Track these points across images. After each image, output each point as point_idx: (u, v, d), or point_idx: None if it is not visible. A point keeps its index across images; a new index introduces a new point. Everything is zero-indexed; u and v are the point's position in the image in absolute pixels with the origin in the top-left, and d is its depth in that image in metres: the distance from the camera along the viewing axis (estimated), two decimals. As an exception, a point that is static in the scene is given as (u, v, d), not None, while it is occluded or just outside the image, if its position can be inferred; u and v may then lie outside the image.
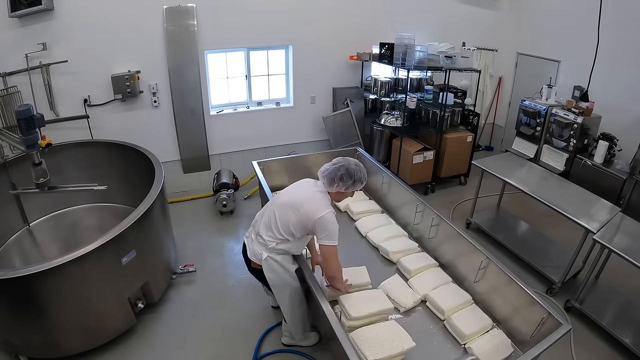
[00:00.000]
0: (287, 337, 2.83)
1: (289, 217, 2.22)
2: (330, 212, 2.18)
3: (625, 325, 2.96)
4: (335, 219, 2.20)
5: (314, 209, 2.17)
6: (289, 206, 2.24)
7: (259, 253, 2.34)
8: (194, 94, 4.51)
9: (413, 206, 3.22)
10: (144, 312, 2.99)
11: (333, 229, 2.17)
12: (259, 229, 2.37)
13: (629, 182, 3.93)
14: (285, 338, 2.85)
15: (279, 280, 2.38)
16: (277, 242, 2.28)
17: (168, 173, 3.52)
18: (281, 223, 2.24)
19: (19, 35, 3.66)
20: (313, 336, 2.84)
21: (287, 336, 2.83)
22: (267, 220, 2.32)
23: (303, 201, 2.21)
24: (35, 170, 2.69)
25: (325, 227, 2.15)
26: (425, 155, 4.80)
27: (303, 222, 2.20)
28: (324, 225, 2.15)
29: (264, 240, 2.32)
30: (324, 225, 2.15)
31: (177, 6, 4.13)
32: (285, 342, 2.85)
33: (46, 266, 2.20)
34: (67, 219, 3.73)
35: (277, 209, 2.29)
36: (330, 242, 2.19)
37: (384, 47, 4.72)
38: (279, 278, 2.38)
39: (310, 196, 2.24)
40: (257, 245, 2.37)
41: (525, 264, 3.67)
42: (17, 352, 2.61)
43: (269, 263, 2.32)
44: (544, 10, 5.22)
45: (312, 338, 2.83)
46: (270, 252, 2.31)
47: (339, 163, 2.28)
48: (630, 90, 4.30)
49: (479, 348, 2.25)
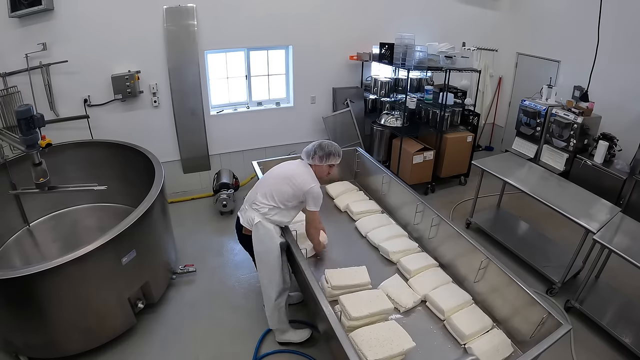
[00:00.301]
0: (278, 333, 2.87)
1: (284, 188, 2.56)
2: (317, 184, 2.58)
3: (625, 325, 2.96)
4: (320, 190, 2.59)
5: (304, 181, 2.55)
6: (283, 178, 2.60)
7: (252, 218, 2.60)
8: (194, 94, 4.51)
9: (413, 206, 3.21)
10: (144, 312, 2.99)
11: (318, 198, 2.57)
12: (255, 198, 2.63)
13: (629, 182, 3.93)
14: (276, 335, 2.88)
15: (263, 246, 2.61)
16: (269, 208, 2.57)
17: (168, 173, 3.52)
18: (276, 193, 2.56)
19: (19, 35, 3.66)
20: (304, 332, 2.90)
21: (277, 333, 2.87)
22: (263, 191, 2.61)
23: (295, 175, 2.59)
24: (35, 170, 2.69)
25: (313, 196, 2.55)
26: (425, 155, 4.80)
27: (296, 192, 2.56)
28: (313, 194, 2.54)
29: (258, 206, 2.59)
30: (313, 194, 2.54)
31: (177, 6, 4.13)
32: (278, 340, 2.88)
33: (46, 266, 2.20)
34: (67, 219, 3.73)
35: (273, 181, 2.63)
36: (315, 208, 2.59)
37: (384, 47, 4.72)
38: (264, 245, 2.60)
39: (300, 171, 2.63)
40: (251, 212, 2.63)
41: (525, 264, 3.67)
42: (17, 352, 2.61)
43: (259, 228, 2.58)
44: (544, 10, 5.22)
45: (302, 333, 2.89)
46: (262, 218, 2.57)
47: (316, 141, 2.72)
48: (630, 90, 4.30)
49: (479, 348, 2.25)
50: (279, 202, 2.56)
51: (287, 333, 2.86)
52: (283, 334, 2.86)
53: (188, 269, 3.44)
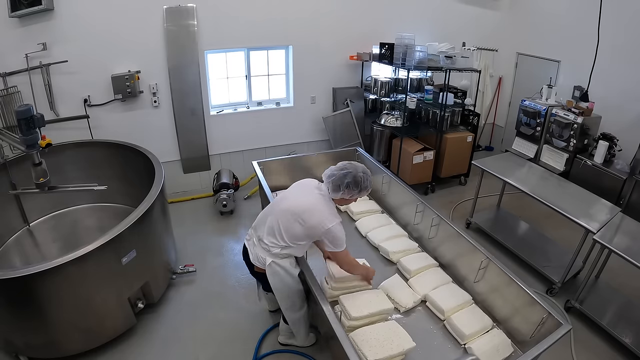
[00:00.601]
0: (284, 337, 2.84)
1: (293, 227, 2.17)
2: (338, 222, 2.13)
3: (625, 325, 2.96)
4: (342, 226, 2.17)
5: (321, 221, 2.11)
6: (292, 214, 2.17)
7: (263, 258, 2.31)
8: (194, 94, 4.51)
9: (413, 206, 3.22)
10: (144, 312, 2.99)
11: (341, 238, 2.15)
12: (261, 234, 2.32)
13: (629, 182, 3.93)
14: (281, 337, 2.86)
15: (281, 284, 2.36)
16: (281, 248, 2.26)
17: (168, 173, 3.52)
18: (285, 231, 2.19)
19: (19, 35, 3.66)
20: (310, 337, 2.85)
21: (284, 335, 2.84)
22: (270, 227, 2.26)
23: (307, 211, 2.14)
24: (35, 170, 2.69)
25: (333, 238, 2.14)
26: (425, 155, 4.80)
27: (309, 233, 2.17)
28: (332, 236, 2.13)
29: (267, 245, 2.28)
30: (332, 236, 2.13)
31: (177, 6, 4.13)
32: (281, 341, 2.86)
33: (46, 266, 2.20)
34: (67, 219, 3.73)
35: (280, 216, 2.22)
36: (339, 249, 2.20)
37: (384, 47, 4.72)
38: (282, 282, 2.36)
39: (314, 206, 2.16)
40: (260, 250, 2.33)
41: (525, 264, 3.67)
42: (17, 352, 2.61)
43: (273, 268, 2.30)
44: (544, 10, 5.22)
45: (309, 339, 2.85)
46: (274, 257, 2.28)
47: (346, 169, 2.19)
48: (630, 90, 4.30)
49: (479, 348, 2.25)
50: (289, 242, 2.21)
51: (292, 338, 2.80)
52: (289, 338, 2.82)
53: (188, 269, 3.44)
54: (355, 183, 2.16)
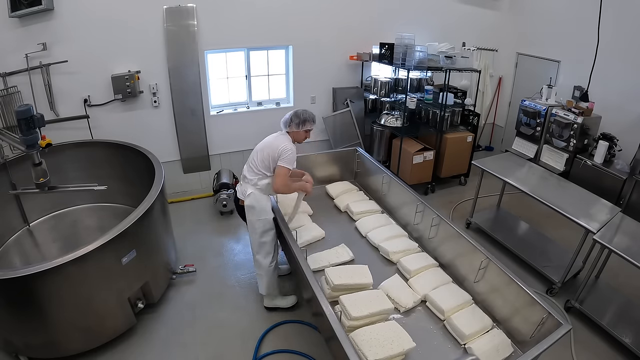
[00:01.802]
0: (267, 299, 3.14)
1: (264, 156, 2.80)
2: (292, 146, 2.79)
3: (625, 325, 2.96)
4: (295, 149, 2.79)
5: (278, 143, 2.79)
6: (263, 148, 2.84)
7: (245, 191, 2.86)
8: (194, 94, 4.51)
9: (413, 206, 3.22)
10: (144, 312, 2.99)
11: (290, 155, 2.73)
12: (245, 173, 2.91)
13: (629, 182, 3.93)
14: (266, 300, 3.15)
15: (254, 214, 2.86)
16: (258, 178, 2.82)
17: (168, 173, 3.52)
18: (260, 162, 2.81)
19: (19, 35, 3.66)
20: (291, 298, 3.17)
21: (266, 299, 3.13)
22: (250, 164, 2.88)
23: (271, 142, 2.85)
24: (35, 170, 2.69)
25: (285, 152, 2.73)
26: (425, 155, 4.80)
27: (272, 154, 2.77)
28: (284, 150, 2.73)
29: (248, 179, 2.87)
30: (284, 150, 2.73)
31: (177, 6, 4.13)
32: (266, 305, 3.15)
33: (46, 266, 2.20)
34: (67, 219, 3.73)
35: (255, 155, 2.87)
36: (284, 164, 2.73)
37: (384, 47, 4.72)
38: (255, 212, 2.85)
39: (275, 138, 2.88)
40: (244, 186, 2.91)
41: (525, 264, 3.67)
42: (17, 352, 2.61)
43: (252, 198, 2.84)
44: (543, 10, 5.22)
45: (289, 299, 3.16)
46: (254, 189, 2.84)
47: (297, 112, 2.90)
48: (630, 90, 4.30)
49: (479, 348, 2.25)
50: (264, 170, 2.80)
51: (276, 299, 3.15)
52: (272, 300, 3.14)
53: (188, 269, 3.44)
54: (296, 116, 2.85)
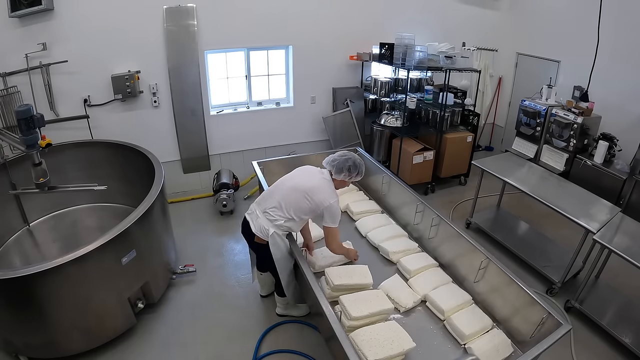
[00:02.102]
0: (281, 308, 3.08)
1: (299, 202, 2.51)
2: (337, 200, 2.53)
3: (625, 325, 2.96)
4: (339, 206, 2.56)
5: (324, 197, 2.48)
6: (300, 192, 2.52)
7: (266, 229, 2.56)
8: (194, 94, 4.51)
9: (413, 206, 3.22)
10: (144, 312, 2.99)
11: (337, 215, 2.52)
12: (267, 207, 2.59)
13: (629, 182, 3.93)
14: (279, 308, 3.09)
15: (281, 254, 2.63)
16: (284, 220, 2.55)
17: (168, 173, 3.52)
18: (292, 206, 2.52)
19: (19, 35, 3.66)
20: (304, 307, 3.10)
21: (280, 307, 3.08)
22: (278, 201, 2.55)
23: (314, 188, 2.52)
24: (35, 170, 2.69)
25: (332, 213, 2.50)
26: (425, 155, 4.80)
27: (314, 208, 2.51)
28: (331, 211, 2.49)
29: (272, 217, 2.56)
30: (331, 211, 2.49)
31: (177, 6, 4.13)
32: (279, 312, 3.10)
33: (46, 266, 2.20)
34: (67, 219, 3.73)
35: (288, 193, 2.55)
36: (333, 225, 2.53)
37: (384, 47, 4.72)
38: (281, 253, 2.62)
39: (319, 185, 2.54)
40: (263, 221, 2.58)
41: (525, 264, 3.67)
42: (17, 352, 2.61)
43: (275, 238, 2.56)
44: (543, 10, 5.22)
45: (303, 308, 3.10)
46: (277, 229, 2.56)
47: (346, 155, 2.62)
48: (630, 90, 4.29)
49: (479, 348, 2.25)
50: (295, 216, 2.53)
51: (289, 308, 3.07)
52: (285, 309, 3.07)
53: (188, 269, 3.44)
54: (354, 166, 2.59)
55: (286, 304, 3.04)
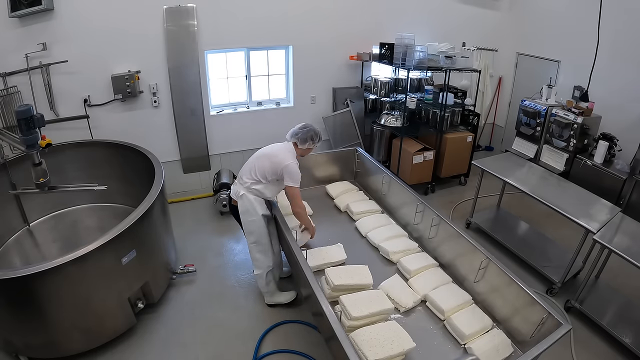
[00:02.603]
0: (267, 296, 3.18)
1: (264, 164, 2.83)
2: (295, 162, 2.81)
3: (625, 325, 2.96)
4: (298, 167, 2.81)
5: (283, 158, 2.79)
6: (265, 156, 2.88)
7: (238, 192, 2.90)
8: (194, 94, 4.51)
9: (413, 206, 3.22)
10: (144, 312, 2.99)
11: (295, 174, 2.77)
12: (240, 175, 2.94)
13: (629, 182, 3.93)
14: (266, 297, 3.20)
15: (248, 217, 2.90)
16: (252, 182, 2.85)
17: (168, 173, 3.52)
18: (258, 168, 2.84)
19: (19, 35, 3.66)
20: (290, 293, 3.21)
21: (266, 295, 3.18)
22: (247, 168, 2.90)
23: (275, 152, 2.87)
24: (35, 170, 2.69)
25: (289, 172, 2.75)
26: (425, 155, 4.80)
27: (274, 168, 2.80)
28: (289, 171, 2.75)
29: (243, 181, 2.90)
30: (289, 171, 2.75)
31: (177, 6, 4.13)
32: (267, 302, 3.20)
33: (46, 266, 2.20)
34: (67, 219, 3.73)
35: (256, 160, 2.90)
36: (293, 184, 2.77)
37: (384, 47, 4.72)
38: (249, 215, 2.89)
39: (280, 150, 2.89)
40: (238, 186, 2.93)
41: (525, 264, 3.67)
42: (17, 352, 2.61)
43: (243, 200, 2.88)
44: (544, 10, 5.22)
45: (288, 295, 3.20)
46: (246, 191, 2.87)
47: (307, 127, 2.95)
48: (631, 90, 4.30)
49: (479, 348, 2.25)
50: (260, 177, 2.83)
51: (275, 295, 3.19)
52: (272, 296, 3.19)
53: (188, 269, 3.44)
54: (316, 134, 2.94)
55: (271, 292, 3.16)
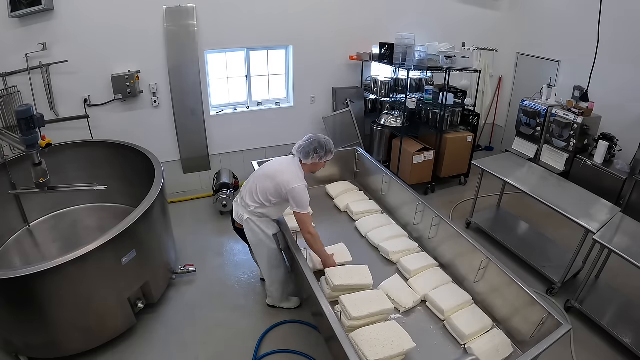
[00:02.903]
0: (270, 298, 3.14)
1: (266, 186, 2.59)
2: (302, 185, 2.53)
3: (625, 325, 2.96)
4: (306, 190, 2.55)
5: (288, 180, 2.51)
6: (268, 177, 2.62)
7: (241, 215, 2.74)
8: (194, 94, 4.51)
9: (413, 206, 3.22)
10: (144, 312, 2.99)
11: (302, 199, 2.51)
12: (243, 195, 2.76)
13: (629, 182, 3.93)
14: (268, 299, 3.16)
15: (256, 239, 2.76)
16: (256, 207, 2.66)
17: (168, 173, 3.52)
18: (260, 191, 2.62)
19: (19, 35, 3.66)
20: (294, 300, 3.17)
21: (270, 297, 3.13)
22: (250, 189, 2.70)
23: (279, 171, 2.59)
24: (35, 170, 2.69)
25: (295, 197, 2.50)
26: (425, 155, 4.80)
27: (278, 190, 2.56)
28: (295, 196, 2.50)
29: (246, 204, 2.71)
30: (295, 196, 2.50)
31: (177, 6, 4.13)
32: (268, 303, 3.18)
33: (46, 266, 2.20)
34: (67, 219, 3.73)
35: (257, 180, 2.68)
36: (301, 210, 2.53)
37: (384, 47, 4.72)
38: (257, 238, 2.75)
39: (285, 168, 2.61)
40: (240, 209, 2.76)
41: (525, 264, 3.67)
42: (17, 352, 2.61)
43: (249, 224, 2.72)
44: (544, 10, 5.22)
45: (293, 302, 3.16)
46: (250, 215, 2.70)
47: (311, 138, 2.66)
48: (631, 90, 4.30)
49: (479, 348, 2.25)
50: (263, 200, 2.62)
51: (282, 302, 3.15)
52: (279, 302, 3.15)
53: (188, 269, 3.44)
54: (320, 147, 2.61)
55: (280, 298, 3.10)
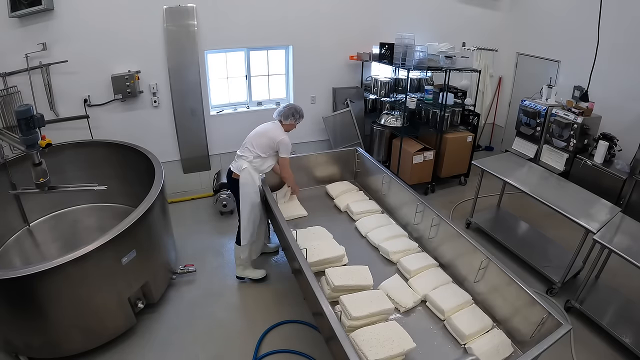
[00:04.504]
0: (239, 269, 3.44)
1: (262, 141, 3.24)
2: (287, 136, 3.26)
3: (625, 325, 2.96)
4: (289, 140, 3.27)
5: (277, 134, 3.24)
6: (261, 135, 3.28)
7: (241, 166, 3.23)
8: (194, 94, 4.51)
9: (413, 206, 3.22)
10: (144, 312, 2.99)
11: (287, 146, 3.25)
12: (241, 152, 3.30)
13: (629, 182, 3.93)
14: (237, 270, 3.45)
15: (247, 188, 3.21)
16: (253, 157, 3.23)
17: (168, 173, 3.52)
18: (257, 145, 3.24)
19: (19, 35, 3.66)
20: (260, 272, 3.47)
21: (239, 267, 3.44)
22: (246, 146, 3.28)
23: (269, 130, 3.29)
24: (35, 170, 2.69)
25: (282, 145, 3.22)
26: (425, 155, 4.80)
27: (270, 143, 3.23)
28: (284, 143, 3.22)
29: (245, 155, 3.26)
30: (284, 143, 3.22)
31: (177, 6, 4.13)
32: (238, 274, 3.46)
33: (46, 266, 2.21)
34: (67, 219, 3.73)
35: (253, 139, 3.28)
36: (285, 155, 3.27)
37: (384, 47, 4.72)
38: (248, 186, 3.21)
39: (272, 128, 3.31)
40: (240, 161, 3.27)
41: (525, 264, 3.67)
42: (17, 352, 2.61)
43: (246, 172, 3.21)
44: (544, 10, 5.22)
45: (259, 273, 3.47)
46: (248, 165, 3.23)
47: (289, 105, 3.35)
48: (630, 90, 4.30)
49: (479, 348, 2.25)
50: (260, 152, 3.22)
51: (247, 270, 3.45)
52: (244, 270, 3.45)
53: (188, 269, 3.44)
54: (296, 111, 3.32)
55: (243, 265, 3.41)
